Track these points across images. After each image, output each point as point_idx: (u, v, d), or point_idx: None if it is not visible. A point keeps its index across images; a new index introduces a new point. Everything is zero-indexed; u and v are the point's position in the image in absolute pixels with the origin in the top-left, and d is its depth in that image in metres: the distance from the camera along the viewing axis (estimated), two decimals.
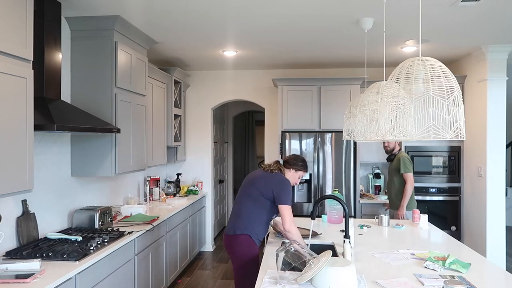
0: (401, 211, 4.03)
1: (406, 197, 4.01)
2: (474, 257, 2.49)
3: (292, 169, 2.79)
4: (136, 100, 3.64)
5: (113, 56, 3.25)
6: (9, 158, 2.11)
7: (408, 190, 4.01)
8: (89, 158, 3.23)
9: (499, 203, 4.41)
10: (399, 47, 4.29)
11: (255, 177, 2.76)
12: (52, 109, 2.54)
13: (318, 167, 4.86)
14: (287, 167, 2.80)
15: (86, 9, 3.08)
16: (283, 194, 2.62)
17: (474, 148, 4.70)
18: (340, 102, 4.89)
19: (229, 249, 2.71)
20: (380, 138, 2.22)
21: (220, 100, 5.82)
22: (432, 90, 1.85)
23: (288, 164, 2.80)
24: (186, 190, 5.40)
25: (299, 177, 2.83)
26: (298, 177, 2.83)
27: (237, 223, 2.67)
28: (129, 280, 3.10)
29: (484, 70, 4.43)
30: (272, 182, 2.66)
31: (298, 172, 2.81)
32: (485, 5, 3.00)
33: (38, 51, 2.65)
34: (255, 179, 2.74)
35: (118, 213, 3.81)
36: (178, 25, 3.53)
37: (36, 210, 2.81)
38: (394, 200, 4.16)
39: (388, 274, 2.15)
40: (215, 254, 5.64)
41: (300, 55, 4.76)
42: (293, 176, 2.80)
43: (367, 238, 2.97)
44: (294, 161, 2.80)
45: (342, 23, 3.47)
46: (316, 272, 1.90)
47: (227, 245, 2.72)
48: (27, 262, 2.23)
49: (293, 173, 2.79)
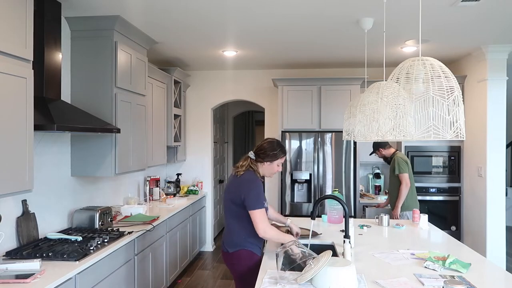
0: (396, 211, 4.09)
1: (401, 198, 4.05)
2: (474, 257, 2.49)
3: (266, 162, 2.49)
4: (136, 100, 3.64)
5: (113, 56, 3.25)
6: (9, 158, 2.11)
7: (402, 191, 4.03)
8: (89, 158, 3.23)
9: (499, 203, 4.41)
10: (399, 47, 4.29)
11: (228, 185, 2.51)
12: (52, 109, 2.54)
13: (318, 167, 4.86)
14: (259, 161, 2.49)
15: (86, 9, 3.08)
16: (250, 198, 2.34)
17: (474, 148, 4.70)
18: (340, 102, 4.89)
19: (227, 264, 2.56)
20: (380, 138, 2.22)
21: (220, 100, 5.82)
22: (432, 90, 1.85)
23: (260, 158, 2.48)
24: (186, 190, 5.40)
25: (277, 165, 2.52)
26: (277, 165, 2.52)
27: (229, 239, 2.50)
28: (129, 280, 3.10)
29: (484, 70, 4.43)
30: (239, 187, 2.40)
31: (275, 161, 2.49)
32: (485, 5, 3.00)
33: (38, 51, 2.65)
34: (227, 187, 2.50)
35: (118, 213, 3.81)
36: (178, 25, 3.53)
37: (36, 210, 2.81)
38: (393, 201, 4.19)
39: (388, 274, 2.15)
40: (215, 254, 5.64)
41: (300, 55, 4.76)
42: (269, 168, 2.50)
43: (367, 238, 2.97)
44: (267, 152, 2.47)
45: (342, 23, 3.47)
46: (316, 272, 1.90)
47: (225, 260, 2.56)
48: (27, 262, 2.23)
49: (268, 165, 2.50)
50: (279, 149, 2.50)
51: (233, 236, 2.48)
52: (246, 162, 2.49)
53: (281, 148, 2.52)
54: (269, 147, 2.49)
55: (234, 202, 2.42)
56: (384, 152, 4.32)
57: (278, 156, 2.50)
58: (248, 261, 2.45)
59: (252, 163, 2.49)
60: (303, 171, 4.87)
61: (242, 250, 2.45)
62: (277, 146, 2.50)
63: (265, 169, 2.52)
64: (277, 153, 2.49)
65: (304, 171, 4.87)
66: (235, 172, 2.49)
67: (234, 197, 2.42)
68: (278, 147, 2.51)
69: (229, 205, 2.47)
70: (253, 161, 2.50)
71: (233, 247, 2.47)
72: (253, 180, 2.42)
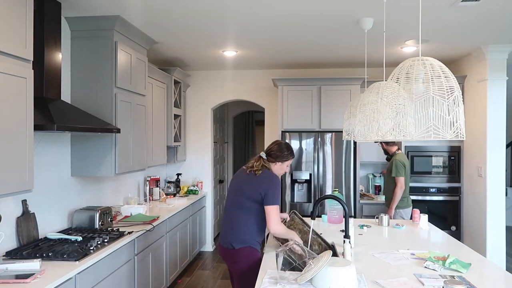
0: (390, 213, 4.14)
1: (395, 200, 4.11)
2: (474, 257, 2.49)
3: (278, 162, 2.60)
4: (136, 100, 3.64)
5: (113, 56, 3.25)
6: (9, 158, 2.11)
7: (397, 193, 4.10)
8: (89, 158, 3.23)
9: (499, 203, 4.41)
10: (399, 47, 4.29)
11: (241, 183, 2.58)
12: (52, 109, 2.54)
13: (318, 167, 4.86)
14: (272, 160, 2.59)
15: (86, 9, 3.08)
16: (271, 195, 2.44)
17: (474, 148, 4.70)
18: (340, 102, 4.89)
19: (228, 262, 2.58)
20: (380, 138, 2.22)
21: (220, 100, 5.82)
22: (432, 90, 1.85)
23: (272, 158, 2.59)
24: (186, 190, 5.40)
25: (287, 166, 2.65)
26: (286, 166, 2.65)
27: (234, 235, 2.51)
28: (129, 280, 3.10)
29: (484, 70, 4.43)
30: (260, 184, 2.48)
31: (285, 162, 2.62)
32: (485, 5, 3.00)
33: (38, 51, 2.65)
34: (241, 185, 2.56)
35: (118, 213, 3.81)
36: (178, 25, 3.53)
37: (36, 210, 2.81)
38: (388, 201, 4.24)
39: (388, 274, 2.15)
40: (215, 254, 5.64)
41: (300, 55, 4.76)
42: (280, 168, 2.62)
43: (367, 238, 2.97)
44: (278, 152, 2.59)
45: (342, 23, 3.47)
46: (316, 272, 1.90)
47: (225, 257, 2.57)
48: (27, 262, 2.23)
49: (280, 165, 2.61)
50: (289, 151, 2.65)
51: (241, 232, 2.50)
52: (260, 162, 2.58)
53: (291, 151, 2.67)
54: (281, 148, 2.62)
55: (251, 198, 2.49)
56: (387, 147, 4.35)
57: (289, 157, 2.64)
58: (251, 258, 2.48)
59: (266, 162, 2.60)
60: (303, 171, 4.87)
61: (248, 247, 2.49)
62: (286, 149, 2.64)
63: (276, 169, 2.62)
64: (288, 154, 2.63)
65: (304, 171, 4.87)
66: (251, 171, 2.55)
67: (252, 194, 2.48)
68: (287, 149, 2.64)
69: (242, 202, 2.52)
70: (265, 160, 2.60)
71: (240, 243, 2.49)
72: (274, 177, 2.54)
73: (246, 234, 2.50)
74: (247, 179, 2.56)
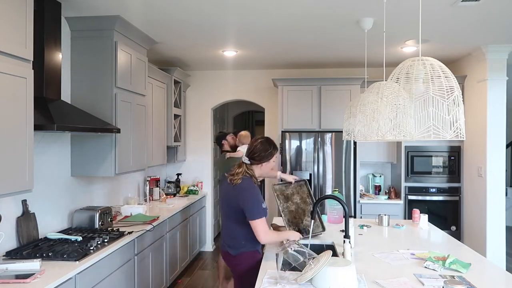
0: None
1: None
2: (474, 257, 2.49)
3: (263, 163, 2.46)
4: (136, 100, 3.64)
5: (113, 56, 3.24)
6: (9, 158, 2.11)
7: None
8: (89, 158, 3.23)
9: (499, 203, 4.41)
10: (399, 47, 4.29)
11: (226, 194, 2.48)
12: (52, 109, 2.54)
13: (318, 167, 4.86)
14: (255, 164, 2.45)
15: (86, 9, 3.08)
16: (249, 208, 2.31)
17: (474, 148, 4.70)
18: (340, 102, 4.88)
19: (229, 264, 2.55)
20: (380, 138, 2.22)
21: (220, 100, 5.82)
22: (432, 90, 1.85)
23: (256, 160, 2.44)
24: (186, 190, 5.40)
25: (273, 161, 2.51)
26: (273, 161, 2.51)
27: (230, 242, 2.48)
28: (129, 280, 3.10)
29: (484, 70, 4.43)
30: (237, 196, 2.36)
31: (271, 159, 2.49)
32: (485, 5, 3.00)
33: (38, 51, 2.65)
34: (225, 197, 2.48)
35: (118, 213, 3.81)
36: (178, 25, 3.53)
37: (36, 210, 2.81)
38: None
39: (388, 274, 2.15)
40: (215, 254, 5.64)
41: (300, 55, 4.76)
42: (267, 166, 2.48)
43: (367, 238, 2.97)
44: (263, 152, 2.43)
45: (342, 23, 3.47)
46: (316, 272, 1.90)
47: (226, 261, 2.56)
48: (27, 262, 2.23)
49: (266, 164, 2.47)
50: (272, 145, 2.49)
51: (234, 239, 2.46)
52: (242, 169, 2.43)
53: (273, 145, 2.51)
54: (262, 148, 2.45)
55: (234, 210, 2.40)
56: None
57: (273, 154, 2.49)
58: (250, 260, 2.46)
59: (248, 168, 2.44)
60: (303, 171, 4.87)
61: (244, 253, 2.45)
62: (269, 145, 2.48)
63: (263, 170, 2.50)
64: (271, 151, 2.47)
65: (304, 171, 4.87)
66: (231, 180, 2.41)
67: (233, 205, 2.39)
68: (270, 145, 2.48)
69: (228, 212, 2.46)
70: (248, 166, 2.45)
71: (235, 249, 2.46)
72: (250, 188, 2.37)
73: (240, 241, 2.45)
74: (228, 190, 2.44)
